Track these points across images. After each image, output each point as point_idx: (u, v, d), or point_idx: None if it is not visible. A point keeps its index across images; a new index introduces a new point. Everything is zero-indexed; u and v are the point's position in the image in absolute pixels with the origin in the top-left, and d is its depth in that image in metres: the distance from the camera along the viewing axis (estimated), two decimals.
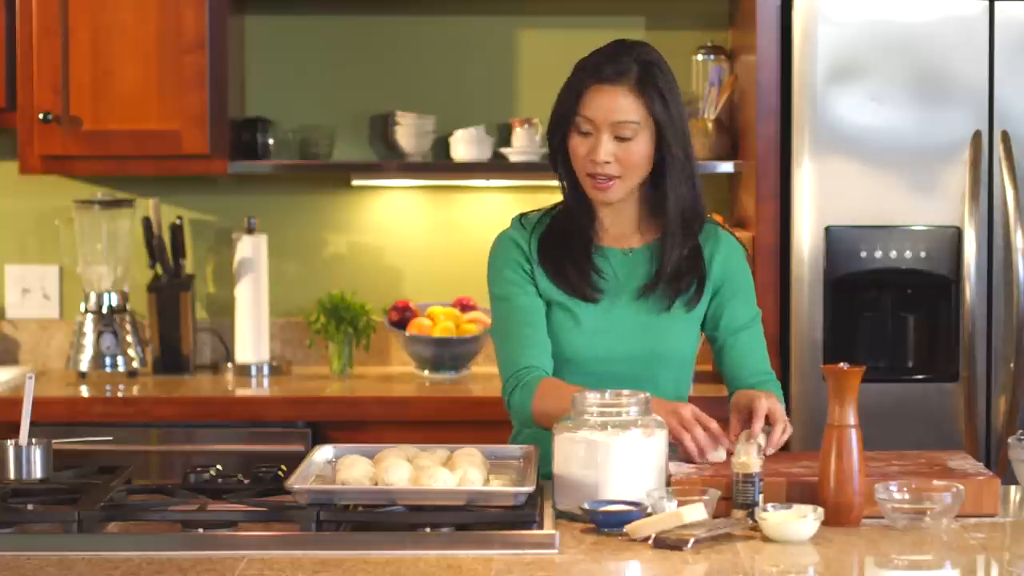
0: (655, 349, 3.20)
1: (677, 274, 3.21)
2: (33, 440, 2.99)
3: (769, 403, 3.04)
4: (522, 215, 3.34)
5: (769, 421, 3.03)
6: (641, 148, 3.15)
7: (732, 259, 3.29)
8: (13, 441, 2.98)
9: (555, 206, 3.31)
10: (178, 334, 4.68)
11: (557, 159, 3.24)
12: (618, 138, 3.14)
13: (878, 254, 4.22)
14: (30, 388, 3.04)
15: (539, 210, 3.33)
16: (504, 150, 4.72)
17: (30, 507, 2.86)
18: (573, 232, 3.25)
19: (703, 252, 3.25)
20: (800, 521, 2.74)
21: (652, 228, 3.25)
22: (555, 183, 4.83)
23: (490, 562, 2.60)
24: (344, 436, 3.51)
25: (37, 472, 2.99)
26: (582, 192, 3.23)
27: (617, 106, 3.14)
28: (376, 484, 2.78)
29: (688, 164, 3.20)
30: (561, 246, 3.25)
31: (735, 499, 2.84)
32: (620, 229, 3.26)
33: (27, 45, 4.44)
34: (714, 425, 3.02)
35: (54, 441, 3.03)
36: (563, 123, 3.20)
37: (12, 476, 2.97)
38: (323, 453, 3.00)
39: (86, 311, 4.66)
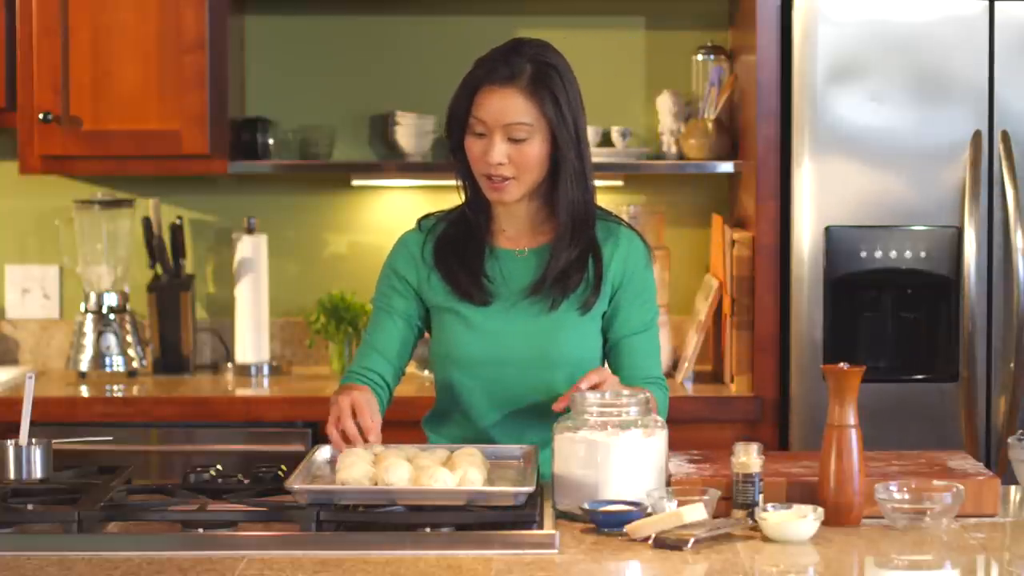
0: (547, 351, 3.16)
1: (564, 275, 3.16)
2: (33, 440, 2.99)
3: (604, 375, 3.02)
4: (424, 216, 3.32)
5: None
6: (535, 150, 3.13)
7: (632, 260, 3.23)
8: (13, 441, 2.98)
9: (457, 207, 3.28)
10: (178, 334, 4.67)
11: (456, 159, 3.23)
12: (511, 139, 3.13)
13: (878, 254, 4.22)
14: (30, 388, 3.04)
15: (442, 211, 3.31)
16: None
17: (30, 507, 2.86)
18: (468, 234, 3.24)
19: (603, 253, 3.21)
20: (800, 521, 2.74)
21: (547, 230, 3.22)
22: None
23: (490, 562, 2.60)
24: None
25: (37, 472, 2.99)
26: (480, 193, 3.21)
27: (508, 108, 3.12)
28: (376, 484, 2.78)
29: (581, 167, 3.17)
30: (455, 249, 3.23)
31: (735, 499, 2.84)
32: (515, 230, 3.24)
33: (27, 45, 4.44)
34: (367, 421, 2.97)
35: (54, 441, 3.03)
36: (458, 124, 3.18)
37: (12, 476, 2.97)
38: (323, 453, 3.00)
39: (86, 311, 4.67)
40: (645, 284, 3.25)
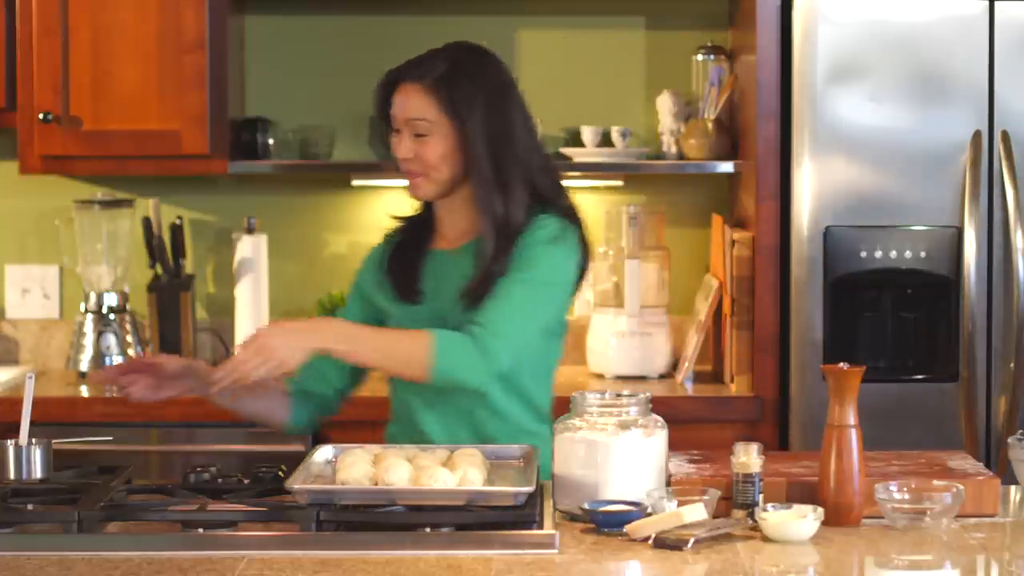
0: None
1: (487, 279, 3.15)
2: (33, 440, 2.99)
3: (258, 331, 2.98)
4: (397, 219, 3.38)
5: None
6: (436, 147, 3.17)
7: (534, 233, 3.17)
8: (13, 441, 2.98)
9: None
10: (178, 334, 4.67)
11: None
12: (416, 135, 3.18)
13: (878, 254, 4.22)
14: (30, 388, 3.04)
15: (408, 216, 3.36)
16: None
17: (30, 507, 2.86)
18: (416, 236, 3.30)
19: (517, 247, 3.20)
20: (800, 521, 2.74)
21: (474, 229, 3.24)
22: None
23: (490, 562, 2.60)
24: (344, 436, 3.51)
25: (37, 472, 2.99)
26: None
27: (411, 104, 3.19)
28: (376, 484, 2.78)
29: (490, 169, 3.17)
30: (401, 251, 3.29)
31: (735, 499, 2.84)
32: (453, 229, 3.27)
33: (27, 45, 4.44)
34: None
35: (54, 441, 3.03)
36: (384, 122, 3.26)
37: (12, 476, 2.97)
38: (323, 453, 3.00)
39: (86, 311, 4.66)
40: (531, 247, 3.16)
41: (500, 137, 3.18)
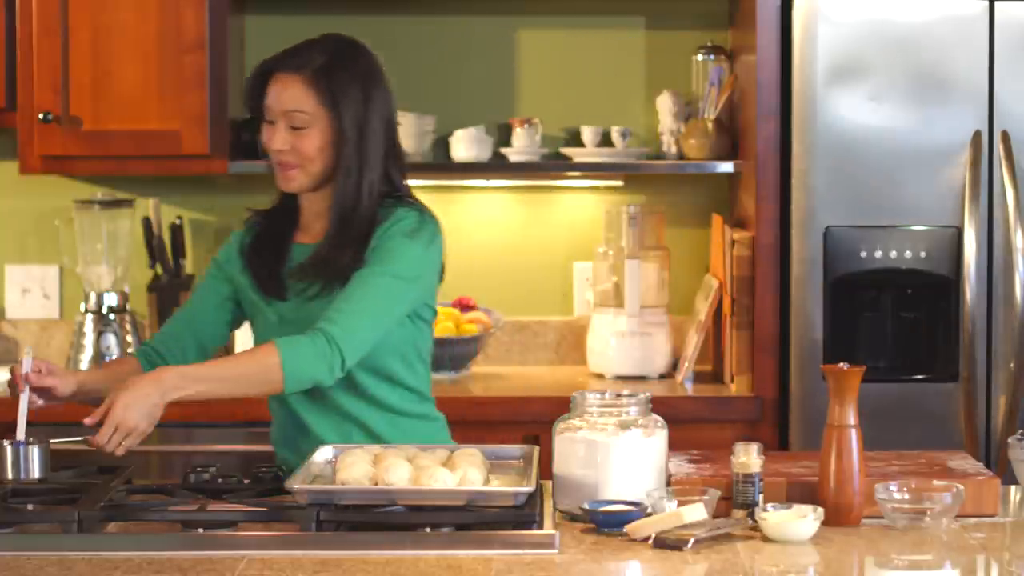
0: None
1: (323, 262, 3.15)
2: (31, 439, 2.98)
3: (112, 398, 2.94)
4: (252, 214, 3.38)
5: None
6: (314, 140, 3.16)
7: (391, 227, 3.17)
8: (11, 441, 2.98)
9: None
10: None
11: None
12: (293, 127, 3.16)
13: (878, 254, 4.22)
14: (28, 363, 3.04)
15: (267, 209, 3.36)
16: (504, 150, 4.72)
17: (30, 507, 2.86)
18: (277, 228, 3.29)
19: (372, 239, 3.19)
20: (800, 521, 2.74)
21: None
22: (555, 183, 4.87)
23: (490, 562, 2.60)
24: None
25: (35, 472, 2.98)
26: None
27: (288, 95, 3.17)
28: (376, 484, 2.78)
29: (358, 164, 3.17)
30: (262, 243, 3.29)
31: (735, 499, 2.84)
32: (315, 223, 3.26)
33: (27, 45, 4.44)
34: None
35: (52, 441, 3.02)
36: (254, 113, 3.23)
37: (10, 476, 2.96)
38: (323, 453, 3.00)
39: (86, 311, 4.66)
40: (389, 242, 3.16)
41: (368, 129, 3.19)
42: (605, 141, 4.76)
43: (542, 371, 4.78)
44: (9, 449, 2.97)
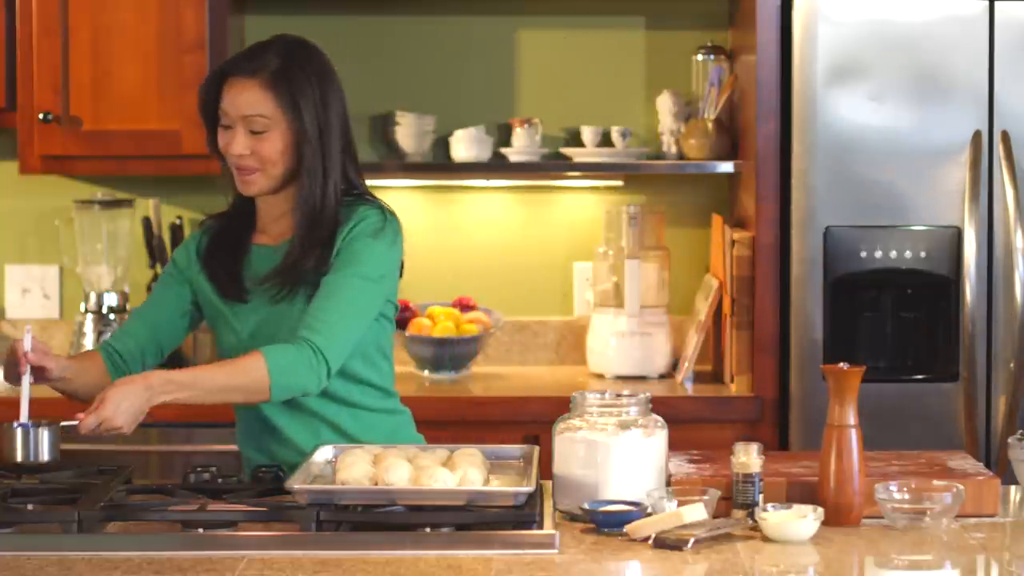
0: (283, 339, 3.09)
1: (293, 266, 3.15)
2: (42, 422, 2.96)
3: (105, 392, 2.94)
4: (207, 218, 3.37)
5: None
6: (275, 143, 3.15)
7: (356, 226, 3.16)
8: (20, 423, 2.94)
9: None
10: None
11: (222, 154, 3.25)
12: (252, 131, 3.15)
13: (878, 254, 4.22)
14: (28, 342, 3.02)
15: (225, 212, 3.34)
16: (504, 150, 4.72)
17: (30, 507, 2.86)
18: (233, 231, 3.28)
19: (336, 238, 3.18)
20: (800, 521, 2.74)
21: (294, 224, 3.23)
22: (555, 183, 4.87)
23: (490, 562, 2.60)
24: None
25: (44, 454, 2.95)
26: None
27: (246, 100, 3.15)
28: (376, 484, 2.78)
29: (321, 165, 3.16)
30: (219, 246, 3.27)
31: (735, 499, 2.84)
32: (271, 225, 3.26)
33: (27, 45, 4.44)
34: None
35: (62, 423, 2.99)
36: (208, 116, 3.21)
37: (19, 458, 2.93)
38: (323, 453, 3.00)
39: (86, 311, 4.66)
40: (354, 241, 3.16)
41: (327, 129, 3.18)
42: (605, 141, 4.76)
43: (542, 371, 4.78)
44: (19, 432, 2.94)
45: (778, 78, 4.28)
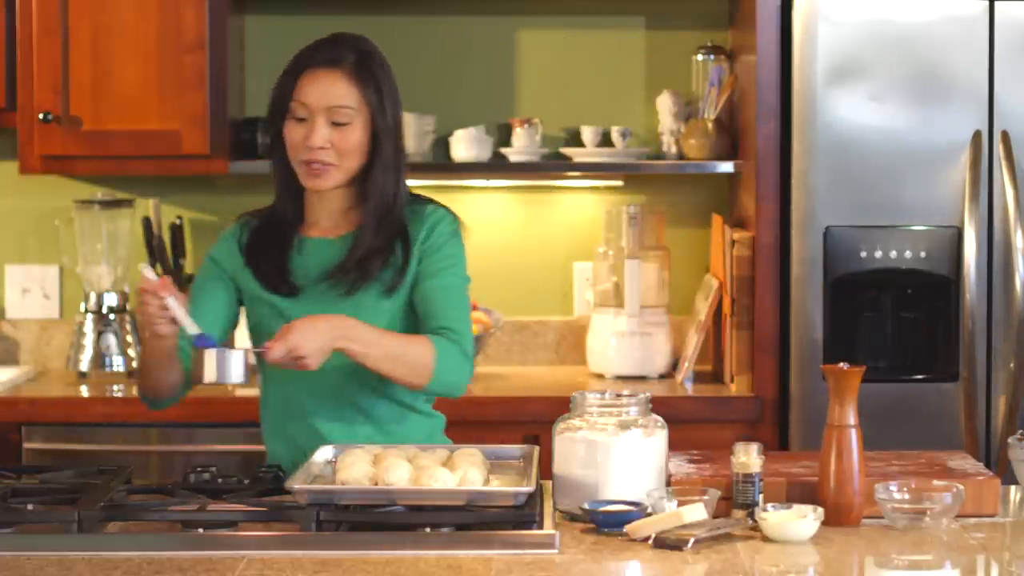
0: None
1: (365, 260, 3.18)
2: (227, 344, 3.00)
3: (293, 323, 2.99)
4: (245, 213, 3.37)
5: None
6: (356, 134, 3.17)
7: (438, 228, 3.22)
8: (199, 336, 2.98)
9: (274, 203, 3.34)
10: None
11: (274, 149, 3.25)
12: (334, 124, 3.16)
13: (878, 254, 4.22)
14: (152, 274, 3.01)
15: (267, 207, 3.35)
16: (504, 150, 4.72)
17: (30, 507, 2.86)
18: (278, 227, 3.28)
19: (410, 234, 3.22)
20: (800, 521, 2.74)
21: (356, 218, 3.25)
22: (555, 183, 4.86)
23: (490, 562, 2.60)
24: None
25: (236, 375, 2.98)
26: (291, 184, 3.25)
27: (333, 91, 3.16)
28: (376, 484, 2.78)
29: (395, 158, 3.20)
30: (264, 242, 3.27)
31: (735, 499, 2.84)
32: (327, 219, 3.26)
33: (27, 45, 4.44)
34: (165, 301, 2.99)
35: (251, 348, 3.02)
36: (279, 110, 3.21)
37: (210, 378, 2.98)
38: (323, 453, 3.00)
39: (86, 311, 4.66)
40: (445, 246, 3.22)
41: (399, 122, 3.23)
42: (605, 141, 4.76)
43: (542, 371, 4.78)
44: (211, 353, 2.98)
45: (778, 78, 4.28)
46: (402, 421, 3.22)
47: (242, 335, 3.41)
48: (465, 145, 4.69)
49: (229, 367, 3.00)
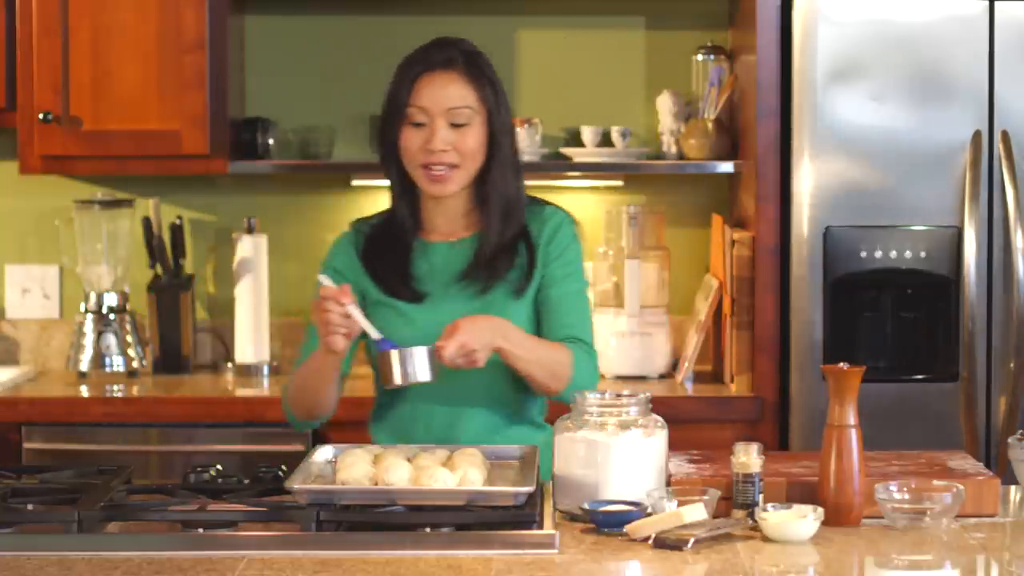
0: None
1: (493, 260, 3.19)
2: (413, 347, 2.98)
3: (459, 321, 3.00)
4: (358, 219, 3.37)
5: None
6: (476, 134, 3.18)
7: (560, 232, 3.26)
8: (382, 340, 2.98)
9: (389, 208, 3.33)
10: (178, 334, 4.67)
11: (389, 161, 3.24)
12: (453, 125, 3.15)
13: (878, 254, 4.22)
14: (328, 280, 3.01)
15: (376, 213, 3.34)
16: None
17: (30, 507, 2.86)
18: (395, 232, 3.26)
19: (532, 235, 3.24)
20: (800, 521, 2.74)
21: (476, 219, 3.26)
22: (556, 183, 4.86)
23: (490, 562, 2.60)
24: (344, 436, 3.52)
25: (424, 374, 2.98)
26: (408, 190, 3.23)
27: (450, 92, 3.17)
28: (376, 484, 2.78)
29: (513, 155, 3.22)
30: (382, 248, 3.26)
31: (735, 499, 2.84)
32: (446, 222, 3.26)
33: (27, 45, 4.44)
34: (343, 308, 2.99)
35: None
36: (395, 117, 3.19)
37: (399, 380, 2.98)
38: (323, 453, 3.00)
39: (86, 311, 4.66)
40: (567, 250, 3.26)
41: (512, 124, 3.26)
42: (605, 141, 4.76)
43: None
44: (396, 354, 2.98)
45: (778, 78, 4.28)
46: (522, 435, 3.21)
47: None
48: None
49: (415, 366, 3.00)
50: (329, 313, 3.01)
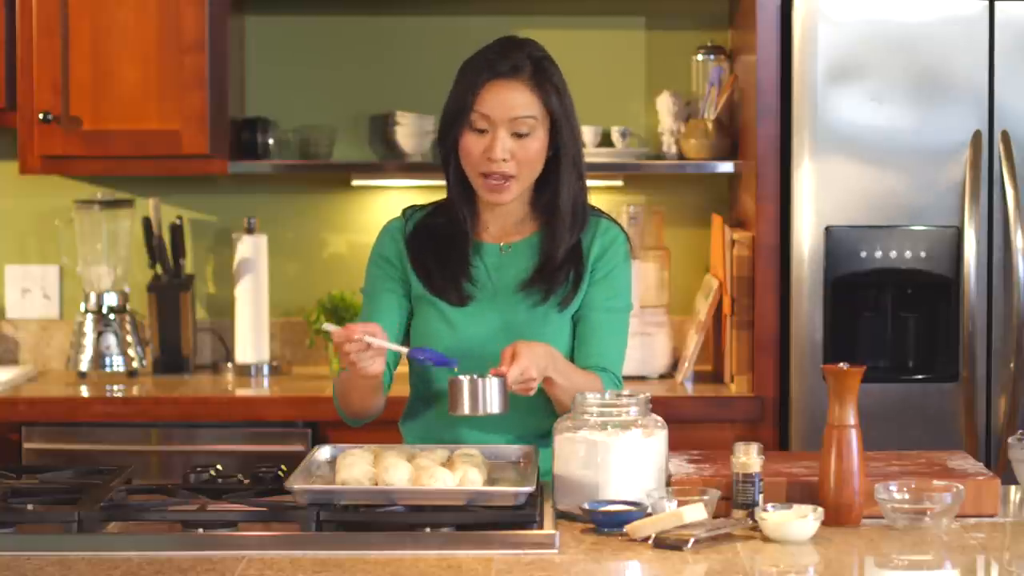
0: None
1: (556, 270, 3.17)
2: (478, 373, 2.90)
3: (517, 347, 2.96)
4: (410, 207, 3.32)
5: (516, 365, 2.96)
6: (537, 144, 3.14)
7: (610, 250, 3.22)
8: (468, 376, 2.89)
9: (440, 201, 3.29)
10: (178, 334, 4.67)
11: (449, 159, 3.20)
12: (515, 135, 3.12)
13: (878, 254, 4.22)
14: (331, 328, 2.98)
15: (429, 203, 3.31)
16: None
17: (30, 507, 2.86)
18: (448, 229, 3.23)
19: (583, 248, 3.21)
20: (800, 521, 2.74)
21: (528, 225, 3.24)
22: None
23: (490, 562, 2.60)
24: (344, 436, 3.52)
25: (495, 406, 2.89)
26: (466, 192, 3.20)
27: (515, 102, 3.13)
28: (376, 484, 2.78)
29: (580, 159, 3.20)
30: (432, 243, 3.23)
31: (735, 499, 2.84)
32: (501, 226, 3.24)
33: (27, 45, 4.44)
34: (371, 340, 2.94)
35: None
36: (457, 121, 3.15)
37: (467, 411, 2.89)
38: (323, 453, 3.00)
39: (86, 311, 4.66)
40: (615, 271, 3.22)
41: (578, 123, 3.22)
42: (605, 141, 4.76)
43: None
44: (466, 382, 2.89)
45: (778, 78, 4.28)
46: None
47: None
48: None
49: (486, 398, 2.90)
50: (352, 355, 2.97)
